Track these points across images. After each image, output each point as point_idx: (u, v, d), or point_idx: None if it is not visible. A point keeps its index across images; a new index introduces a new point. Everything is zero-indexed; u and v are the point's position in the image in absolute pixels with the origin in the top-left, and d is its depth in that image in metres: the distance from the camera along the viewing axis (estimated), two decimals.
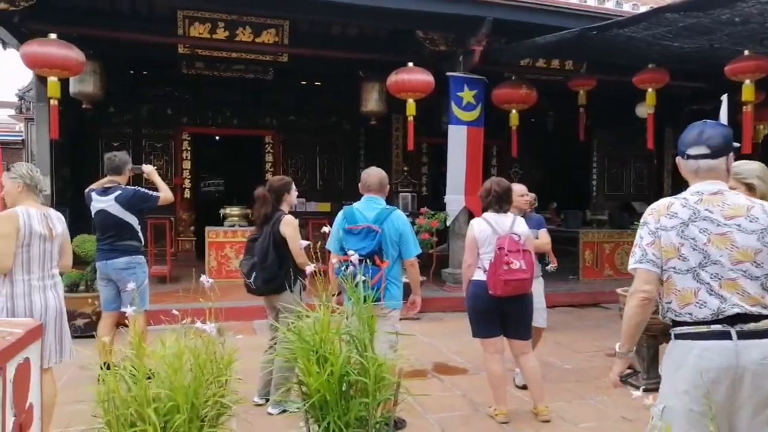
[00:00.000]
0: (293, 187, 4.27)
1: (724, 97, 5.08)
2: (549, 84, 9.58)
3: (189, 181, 11.56)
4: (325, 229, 3.35)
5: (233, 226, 8.96)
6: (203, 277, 2.43)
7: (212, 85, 10.98)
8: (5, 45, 7.46)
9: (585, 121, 9.50)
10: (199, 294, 2.48)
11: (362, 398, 2.03)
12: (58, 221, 3.49)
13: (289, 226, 4.01)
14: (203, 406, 2.11)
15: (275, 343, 4.10)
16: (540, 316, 4.65)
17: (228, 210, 9.19)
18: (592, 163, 13.53)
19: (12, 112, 10.65)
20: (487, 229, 3.86)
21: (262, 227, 4.11)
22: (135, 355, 2.10)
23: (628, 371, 4.22)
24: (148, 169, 4.91)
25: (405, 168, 11.68)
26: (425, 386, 4.65)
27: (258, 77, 10.66)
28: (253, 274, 4.02)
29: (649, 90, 7.95)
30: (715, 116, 5.32)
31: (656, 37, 6.57)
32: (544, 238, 4.77)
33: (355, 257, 2.48)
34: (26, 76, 10.75)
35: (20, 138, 10.49)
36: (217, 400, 2.12)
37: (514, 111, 8.83)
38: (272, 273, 3.97)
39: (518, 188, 4.61)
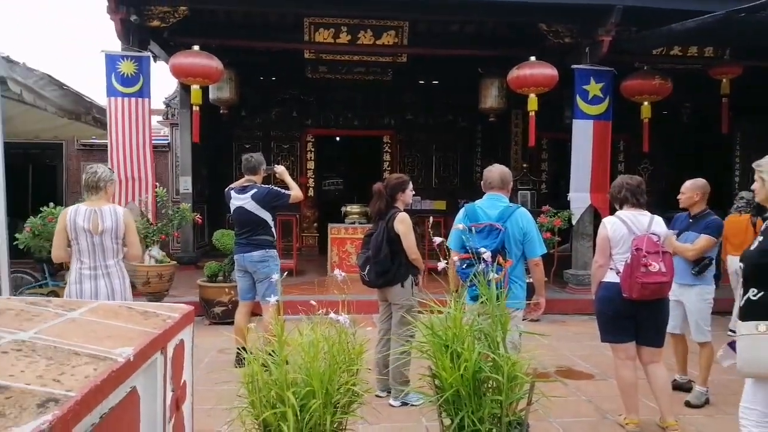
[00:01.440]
0: (410, 186, 4.33)
1: None
2: (685, 73, 8.87)
3: (312, 180, 12.12)
4: (460, 226, 3.36)
5: (353, 223, 9.27)
6: (336, 271, 2.56)
7: (335, 87, 11.44)
8: (155, 58, 8.28)
9: (728, 112, 8.68)
10: (324, 287, 2.61)
11: (495, 396, 2.04)
12: (110, 217, 3.73)
13: (402, 224, 4.10)
14: (336, 393, 2.22)
15: (388, 337, 4.21)
16: (698, 329, 4.25)
17: (349, 208, 9.52)
18: (734, 158, 12.31)
19: (160, 118, 11.80)
20: (622, 228, 3.65)
21: (378, 222, 4.23)
22: (276, 342, 2.26)
23: None
24: (280, 170, 5.23)
25: (524, 165, 11.39)
26: (549, 389, 4.51)
27: (377, 78, 10.93)
28: (367, 267, 4.16)
29: None
30: None
31: None
32: (701, 242, 4.20)
33: (487, 254, 2.48)
34: (171, 86, 11.82)
35: (166, 142, 11.59)
36: (349, 387, 2.22)
37: (645, 103, 8.29)
38: (384, 267, 4.09)
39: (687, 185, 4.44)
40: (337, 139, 13.98)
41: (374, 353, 4.14)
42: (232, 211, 5.04)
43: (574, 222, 7.82)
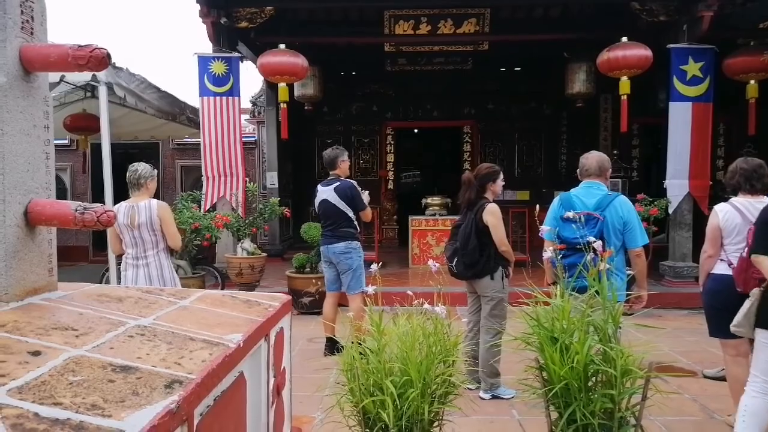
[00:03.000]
0: (500, 176, 4.23)
1: None
2: None
3: (392, 172, 12.17)
4: (569, 214, 3.24)
5: (434, 215, 9.22)
6: (430, 262, 2.54)
7: (414, 79, 11.40)
8: (242, 58, 8.60)
9: None
10: (406, 279, 2.60)
11: (607, 390, 1.95)
12: (145, 211, 3.96)
13: (492, 216, 4.00)
14: (433, 383, 2.20)
15: (477, 329, 4.14)
16: None
17: (429, 200, 9.48)
18: None
19: (247, 116, 12.26)
20: (736, 217, 3.36)
21: (466, 213, 4.16)
22: (370, 331, 2.27)
23: None
24: (366, 197, 5.20)
25: (614, 152, 10.85)
26: (657, 386, 4.29)
27: (457, 68, 10.79)
28: (455, 259, 4.10)
29: None
30: None
31: None
32: None
33: (598, 243, 2.36)
34: (257, 84, 12.27)
35: (253, 139, 12.03)
36: (446, 378, 2.20)
37: (752, 81, 7.65)
38: (473, 259, 4.02)
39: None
40: (416, 131, 13.95)
41: (463, 345, 4.09)
42: (317, 205, 5.13)
43: (671, 211, 7.38)
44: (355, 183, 5.04)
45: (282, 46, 7.48)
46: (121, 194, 4.77)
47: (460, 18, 8.41)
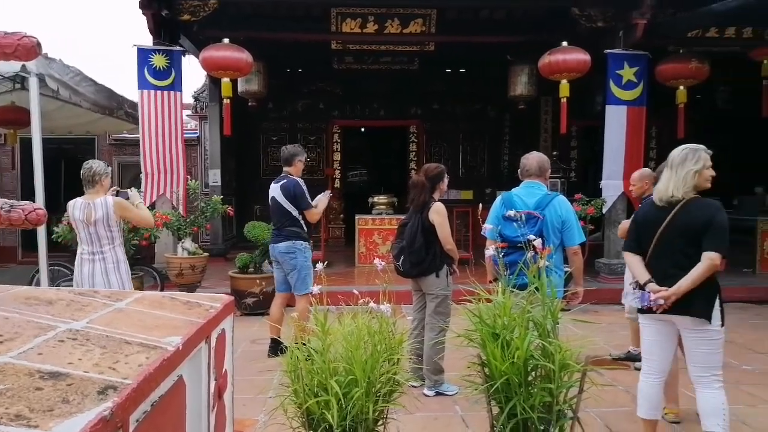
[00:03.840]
0: (446, 175, 4.31)
1: None
2: (722, 55, 8.59)
3: (338, 171, 12.13)
4: (510, 212, 3.37)
5: (380, 214, 9.25)
6: (376, 261, 2.54)
7: (361, 78, 11.40)
8: (185, 52, 8.36)
9: None
10: (352, 278, 2.59)
11: (546, 384, 2.01)
12: (101, 208, 4.04)
13: (438, 214, 4.07)
14: (378, 381, 2.21)
15: (422, 326, 4.20)
16: None
17: (375, 198, 9.50)
18: None
19: (189, 112, 11.93)
20: None
21: (413, 213, 4.20)
22: (315, 332, 2.26)
23: None
24: (324, 199, 5.12)
25: (554, 153, 11.20)
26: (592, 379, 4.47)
27: (404, 68, 10.86)
28: (402, 257, 4.14)
29: None
30: None
31: None
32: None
33: (538, 242, 2.44)
34: (200, 79, 11.96)
35: (196, 135, 11.72)
36: (390, 377, 2.21)
37: (681, 87, 8.06)
38: (419, 257, 4.06)
39: (634, 175, 4.65)
40: (363, 130, 13.96)
41: (407, 343, 4.12)
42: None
43: (606, 210, 7.68)
44: (300, 181, 4.94)
45: (226, 40, 7.32)
46: (54, 192, 4.64)
47: (406, 18, 8.46)
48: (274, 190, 4.93)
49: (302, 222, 4.92)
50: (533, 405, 1.97)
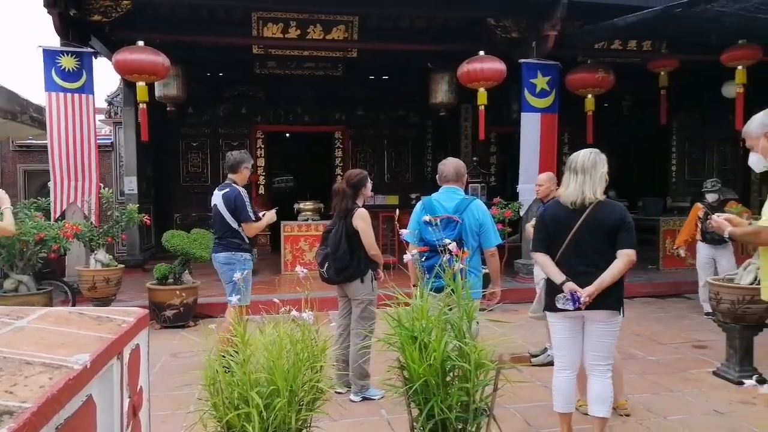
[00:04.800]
0: (369, 180, 4.35)
1: None
2: (625, 66, 9.21)
3: (263, 177, 11.94)
4: (426, 218, 3.43)
5: (307, 220, 9.19)
6: (298, 268, 2.53)
7: (284, 83, 11.30)
8: (97, 54, 7.96)
9: (666, 104, 9.06)
10: (279, 286, 2.58)
11: (463, 384, 2.07)
12: None
13: (361, 220, 4.10)
14: (301, 390, 2.20)
15: (347, 333, 4.22)
16: None
17: (302, 205, 9.43)
18: (671, 147, 12.89)
19: (102, 116, 11.37)
20: None
21: (337, 219, 4.22)
22: (239, 342, 2.22)
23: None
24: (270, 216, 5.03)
25: (474, 158, 11.57)
26: (507, 376, 4.62)
27: (327, 74, 10.86)
28: (326, 264, 4.14)
29: (739, 68, 7.51)
30: None
31: (749, 11, 6.17)
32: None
33: (453, 244, 2.51)
34: (114, 83, 11.42)
35: (110, 141, 11.18)
36: (313, 385, 2.21)
37: (589, 96, 8.55)
38: (343, 263, 4.08)
39: (539, 177, 4.98)
40: (287, 135, 13.82)
41: (333, 349, 4.12)
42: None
43: (522, 213, 8.00)
44: (243, 192, 4.75)
45: (140, 42, 7.05)
46: None
47: (329, 24, 8.48)
48: (216, 198, 4.76)
49: (243, 233, 4.75)
50: (451, 405, 2.03)
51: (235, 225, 4.69)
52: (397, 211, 3.69)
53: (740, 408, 3.99)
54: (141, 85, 7.04)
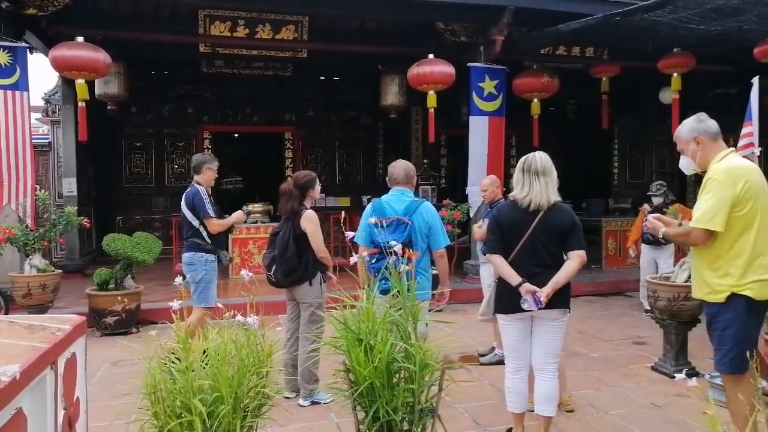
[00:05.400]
0: (317, 182, 4.32)
1: (755, 80, 5.01)
2: (570, 71, 9.48)
3: None
4: (372, 220, 3.42)
5: (256, 222, 9.04)
6: (243, 272, 2.48)
7: (232, 83, 11.08)
8: (32, 50, 7.60)
9: (608, 109, 9.40)
10: (226, 290, 2.53)
11: (408, 385, 2.07)
12: None
13: (310, 222, 4.06)
14: (246, 396, 2.16)
15: (296, 337, 4.17)
16: None
17: (251, 207, 9.27)
18: (613, 150, 13.39)
19: (38, 115, 10.86)
20: None
21: (285, 221, 4.17)
22: (181, 348, 2.16)
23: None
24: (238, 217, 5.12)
25: (425, 161, 11.68)
26: (453, 376, 4.66)
27: (277, 74, 10.73)
28: (273, 267, 4.10)
29: (675, 75, 7.86)
30: (740, 100, 5.27)
31: (682, 21, 6.47)
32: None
33: (398, 246, 2.52)
34: (51, 80, 10.95)
35: (47, 140, 10.69)
36: (259, 390, 2.17)
37: (535, 100, 8.77)
38: (292, 265, 4.04)
39: (482, 182, 5.13)
40: (236, 135, 13.58)
41: (281, 354, 4.07)
42: None
43: (471, 214, 8.12)
44: (202, 190, 4.77)
45: (80, 38, 6.77)
46: None
47: (278, 24, 8.38)
48: (182, 199, 4.81)
49: (205, 233, 4.75)
50: (396, 406, 2.03)
51: (196, 224, 4.72)
52: (343, 213, 3.67)
53: (675, 400, 4.17)
54: (80, 82, 6.76)
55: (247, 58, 10.02)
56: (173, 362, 2.19)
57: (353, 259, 2.67)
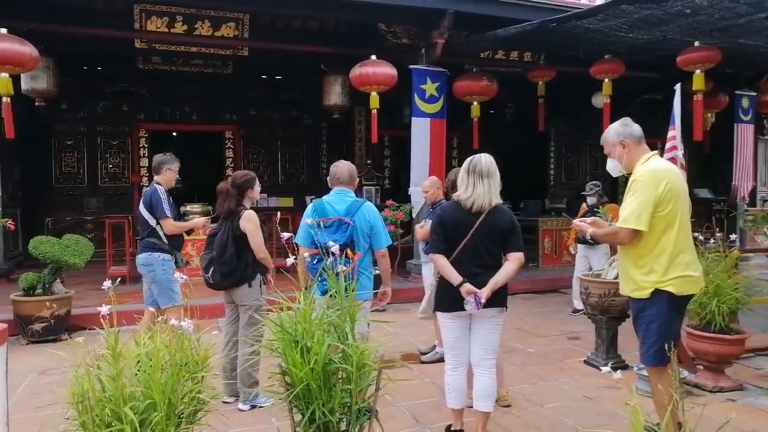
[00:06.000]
0: (257, 182, 4.28)
1: (678, 87, 5.30)
2: (508, 76, 9.74)
3: (147, 179, 11.30)
4: (308, 220, 3.40)
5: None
6: (177, 274, 2.42)
7: (170, 80, 10.76)
8: None
9: (544, 112, 9.70)
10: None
11: (345, 385, 2.07)
12: None
13: (249, 222, 4.01)
14: (180, 402, 2.10)
15: (235, 340, 4.11)
16: None
17: (189, 207, 9.04)
18: (549, 152, 13.84)
19: None
20: None
21: (223, 222, 4.10)
22: (110, 355, 2.08)
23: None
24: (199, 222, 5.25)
25: (368, 161, 11.72)
26: (394, 375, 4.69)
27: (217, 71, 10.50)
28: (211, 269, 4.02)
29: (606, 80, 8.20)
30: (666, 105, 5.56)
31: (612, 29, 6.78)
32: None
33: (335, 247, 2.52)
34: None
35: None
36: (194, 396, 2.12)
37: (475, 103, 8.95)
38: (230, 267, 3.98)
39: (424, 183, 5.27)
40: (175, 134, 13.19)
41: (220, 357, 3.99)
42: None
43: (414, 215, 8.21)
44: (160, 189, 4.72)
45: (3, 30, 6.40)
46: None
47: (218, 20, 8.21)
48: (141, 199, 4.80)
49: (161, 233, 4.71)
50: (333, 408, 2.03)
51: (153, 223, 4.67)
52: (278, 213, 3.66)
53: (606, 393, 4.36)
54: (4, 76, 6.40)
55: (185, 55, 9.75)
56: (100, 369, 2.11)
57: (290, 260, 2.65)
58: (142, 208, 4.73)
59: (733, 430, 3.59)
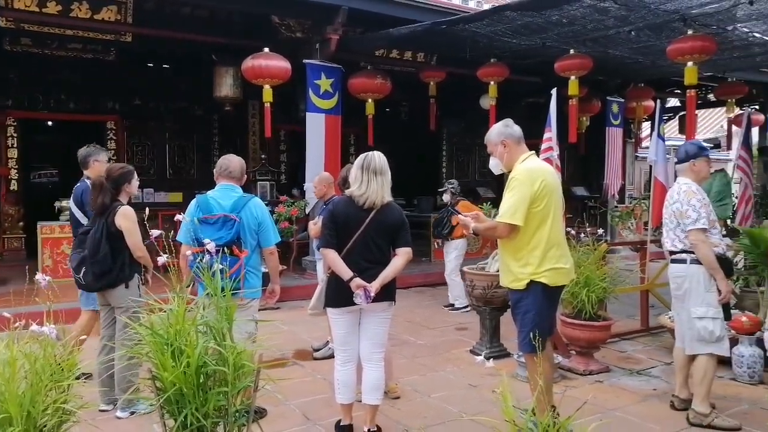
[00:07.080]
0: (135, 176, 4.02)
1: (554, 91, 5.69)
2: (402, 75, 9.93)
3: (16, 171, 10.33)
4: (179, 217, 3.24)
5: (69, 220, 8.18)
6: (39, 275, 2.23)
7: (43, 64, 9.87)
8: None
9: (435, 112, 10.00)
10: (33, 295, 2.27)
11: (221, 388, 2.01)
12: None
13: (126, 219, 3.78)
14: (42, 414, 1.95)
15: (112, 344, 3.88)
16: None
17: (64, 203, 8.36)
18: (441, 151, 14.31)
19: None
20: None
21: (97, 218, 3.83)
22: None
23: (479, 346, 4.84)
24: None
25: (263, 156, 11.46)
26: (286, 374, 4.66)
27: (98, 57, 9.80)
28: (83, 269, 3.76)
29: (492, 83, 8.59)
30: (547, 109, 5.95)
31: (497, 34, 7.13)
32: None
33: (211, 245, 2.44)
34: None
35: None
36: (58, 407, 1.97)
37: (370, 100, 9.04)
38: (104, 267, 3.75)
39: (315, 180, 5.37)
40: (50, 123, 12.14)
41: (96, 363, 3.74)
42: None
43: (308, 211, 8.16)
44: (88, 188, 4.31)
45: None
46: None
47: (98, 3, 7.66)
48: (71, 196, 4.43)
49: None
50: (207, 411, 1.97)
51: (84, 221, 4.32)
52: (147, 209, 3.49)
53: (489, 380, 4.59)
54: None
55: (61, 38, 9.00)
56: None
57: (161, 259, 2.53)
58: (72, 206, 4.53)
59: (599, 408, 3.93)
